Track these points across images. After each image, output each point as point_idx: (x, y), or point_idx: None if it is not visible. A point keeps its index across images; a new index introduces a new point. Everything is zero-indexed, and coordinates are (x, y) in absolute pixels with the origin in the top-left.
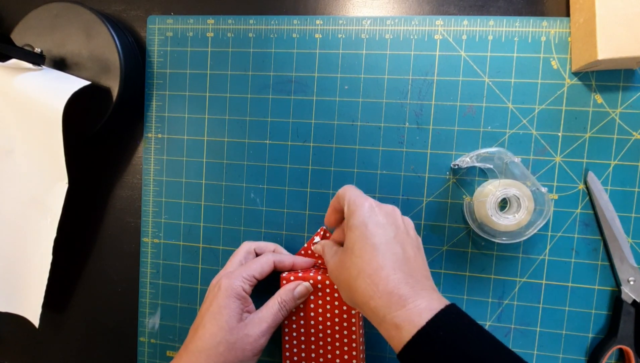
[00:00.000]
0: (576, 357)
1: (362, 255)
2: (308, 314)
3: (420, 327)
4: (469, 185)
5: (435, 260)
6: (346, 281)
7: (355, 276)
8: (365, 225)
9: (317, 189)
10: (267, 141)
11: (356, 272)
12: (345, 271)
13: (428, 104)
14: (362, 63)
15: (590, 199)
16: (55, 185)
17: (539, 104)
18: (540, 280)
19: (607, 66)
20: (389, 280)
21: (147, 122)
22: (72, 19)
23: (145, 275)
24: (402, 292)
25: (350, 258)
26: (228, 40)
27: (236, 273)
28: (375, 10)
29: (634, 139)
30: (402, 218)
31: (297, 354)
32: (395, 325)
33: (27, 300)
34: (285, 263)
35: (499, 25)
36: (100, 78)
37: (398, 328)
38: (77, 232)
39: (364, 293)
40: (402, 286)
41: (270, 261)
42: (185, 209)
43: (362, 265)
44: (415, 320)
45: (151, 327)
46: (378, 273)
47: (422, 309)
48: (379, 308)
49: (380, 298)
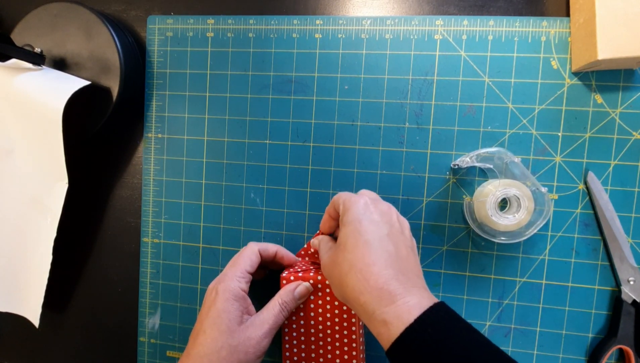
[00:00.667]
0: (576, 357)
1: (354, 251)
2: (308, 314)
3: (408, 323)
4: (469, 185)
5: (435, 260)
6: (338, 277)
7: (346, 271)
8: (360, 221)
9: (317, 189)
10: (267, 141)
11: (347, 267)
12: (337, 266)
13: (428, 104)
14: (362, 63)
15: (590, 199)
16: (55, 185)
17: (539, 104)
18: (540, 280)
19: (607, 66)
20: (380, 276)
21: (147, 122)
22: (72, 19)
23: (145, 275)
24: (392, 288)
25: (342, 253)
26: (228, 40)
27: (229, 275)
28: (375, 10)
29: (634, 139)
30: (398, 217)
31: (297, 354)
32: (384, 321)
33: (27, 300)
34: (270, 250)
35: (499, 25)
36: (100, 78)
37: (386, 324)
38: (77, 232)
39: (354, 288)
40: (393, 282)
41: (254, 250)
42: (185, 209)
43: (353, 260)
44: (404, 316)
45: (151, 327)
46: (369, 268)
47: (412, 306)
48: (368, 304)
49: (370, 293)
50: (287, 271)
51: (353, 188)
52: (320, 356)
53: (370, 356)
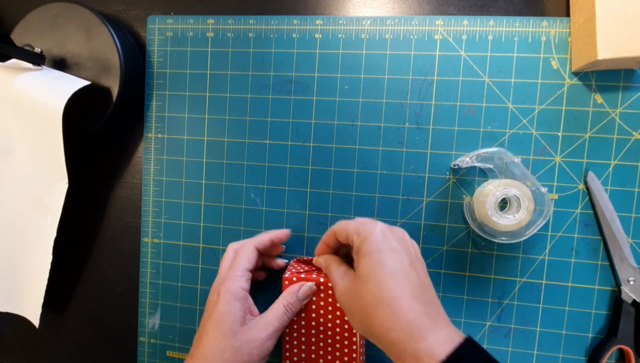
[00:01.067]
0: (576, 357)
1: (380, 284)
2: (309, 315)
3: (441, 360)
4: (469, 185)
5: (435, 260)
6: (361, 310)
7: (373, 305)
8: (381, 250)
9: (317, 189)
10: (267, 141)
11: (374, 301)
12: (360, 299)
13: (428, 104)
14: (362, 63)
15: (590, 199)
16: (55, 185)
17: (539, 104)
18: (540, 280)
19: (607, 66)
20: (410, 311)
21: (147, 122)
22: (72, 19)
23: (145, 275)
24: (422, 323)
25: (365, 286)
26: (228, 40)
27: (229, 275)
28: (375, 10)
29: (634, 139)
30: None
31: (297, 354)
32: (416, 357)
33: (27, 300)
34: (264, 240)
35: (499, 25)
36: (100, 78)
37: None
38: (77, 232)
39: (383, 324)
40: (422, 317)
41: (251, 247)
42: (185, 209)
43: (380, 294)
44: (436, 353)
45: (151, 327)
46: (398, 302)
47: (443, 342)
48: (399, 341)
49: (401, 329)
50: (289, 272)
51: (353, 188)
52: (320, 357)
53: (370, 356)
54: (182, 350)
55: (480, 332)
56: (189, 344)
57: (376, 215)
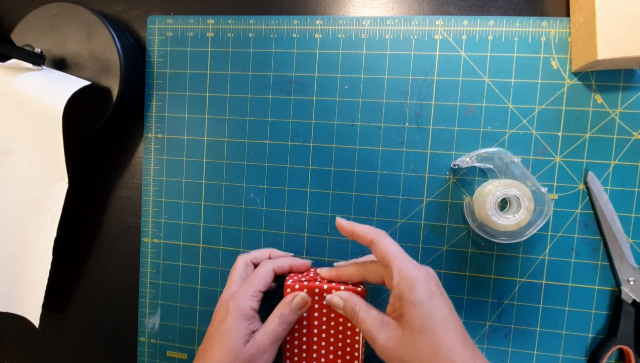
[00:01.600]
0: (576, 357)
1: (435, 333)
2: (310, 319)
3: None
4: (469, 185)
5: (435, 260)
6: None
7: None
8: (430, 300)
9: (317, 189)
10: (267, 141)
11: (432, 353)
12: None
13: (428, 104)
14: (362, 63)
15: (590, 199)
16: (55, 185)
17: (539, 104)
18: (540, 280)
19: (607, 66)
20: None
21: (147, 122)
22: (72, 19)
23: (145, 275)
24: None
25: (420, 337)
26: (228, 40)
27: (242, 293)
28: (375, 10)
29: (634, 139)
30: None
31: (298, 354)
32: None
33: (27, 300)
34: (284, 266)
35: (499, 25)
36: (100, 78)
37: None
38: (77, 232)
39: None
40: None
41: (270, 270)
42: (185, 209)
43: (438, 345)
44: None
45: (151, 327)
46: (454, 350)
47: None
48: None
49: None
50: (291, 279)
51: (353, 188)
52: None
53: (370, 356)
54: (182, 350)
55: (480, 332)
56: (189, 344)
57: (376, 215)
